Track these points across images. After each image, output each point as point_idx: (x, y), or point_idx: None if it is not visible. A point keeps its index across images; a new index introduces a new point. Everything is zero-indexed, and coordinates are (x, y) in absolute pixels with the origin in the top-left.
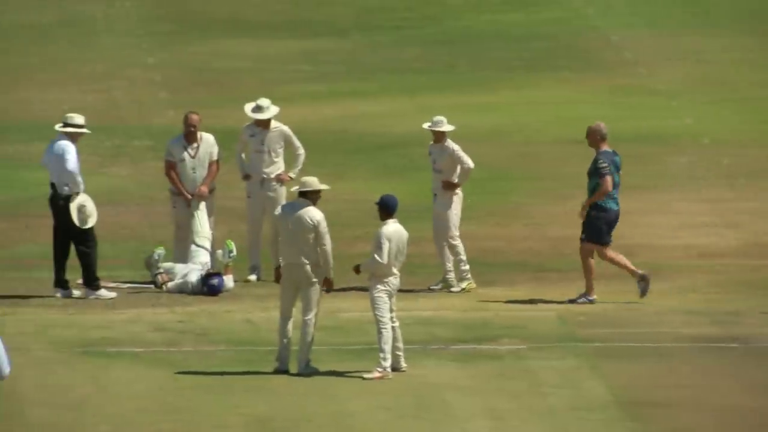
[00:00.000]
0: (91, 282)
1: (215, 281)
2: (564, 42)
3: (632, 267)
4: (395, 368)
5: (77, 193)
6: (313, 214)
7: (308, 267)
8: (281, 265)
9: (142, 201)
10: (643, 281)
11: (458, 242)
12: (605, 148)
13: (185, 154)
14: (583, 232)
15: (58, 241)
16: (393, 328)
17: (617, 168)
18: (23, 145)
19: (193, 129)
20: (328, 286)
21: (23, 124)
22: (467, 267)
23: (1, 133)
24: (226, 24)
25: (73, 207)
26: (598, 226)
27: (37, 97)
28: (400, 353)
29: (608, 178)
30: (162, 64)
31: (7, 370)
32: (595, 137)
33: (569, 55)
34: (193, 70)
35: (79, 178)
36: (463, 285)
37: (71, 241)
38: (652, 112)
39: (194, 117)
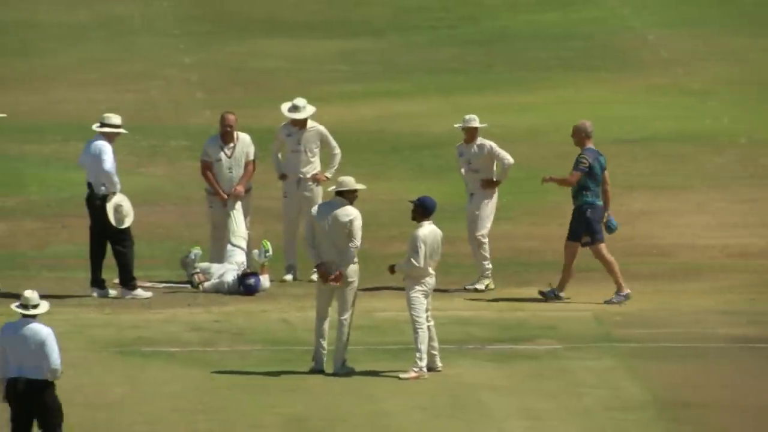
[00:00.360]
0: (128, 282)
1: (252, 281)
2: (600, 42)
3: (621, 280)
4: (431, 368)
5: (114, 193)
6: (349, 212)
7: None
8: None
9: (178, 201)
10: (621, 297)
11: (486, 241)
12: (590, 146)
13: (222, 153)
14: (585, 235)
15: (94, 240)
16: (428, 327)
17: (602, 167)
18: (59, 145)
19: (229, 129)
20: (337, 279)
21: (59, 124)
22: (489, 266)
23: (37, 133)
24: (263, 24)
25: (110, 207)
26: (594, 226)
27: (73, 97)
28: (436, 353)
29: (577, 175)
30: (199, 64)
31: (58, 366)
32: (580, 135)
33: (605, 54)
34: (230, 70)
35: (116, 179)
36: (486, 282)
37: (108, 240)
38: (688, 112)
39: (231, 117)
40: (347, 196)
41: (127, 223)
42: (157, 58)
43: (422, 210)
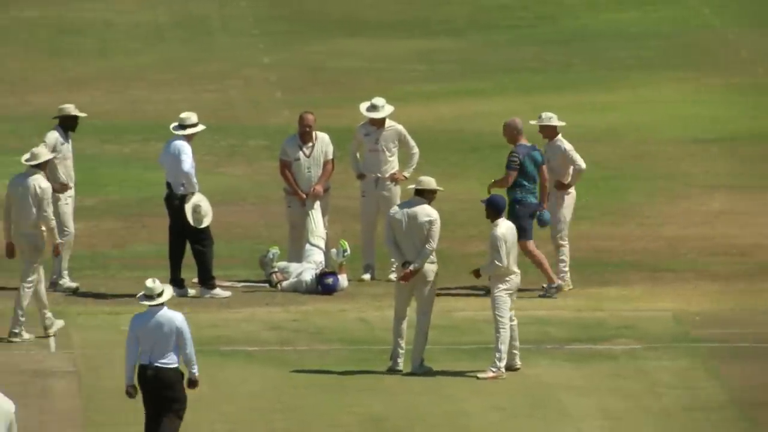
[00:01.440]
0: (207, 281)
1: (330, 280)
2: (680, 41)
3: (551, 272)
4: (510, 367)
5: (192, 193)
6: (429, 211)
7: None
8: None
9: (257, 200)
10: (554, 290)
11: (565, 242)
12: (523, 142)
13: (300, 153)
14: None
15: (173, 240)
16: (511, 326)
17: (537, 163)
18: (139, 144)
19: (308, 129)
20: (407, 277)
21: (138, 124)
22: (567, 269)
23: (116, 133)
24: (342, 23)
25: (188, 207)
26: (521, 222)
27: (152, 97)
28: (516, 352)
29: (513, 174)
30: (278, 64)
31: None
32: (511, 132)
33: (685, 54)
34: (309, 70)
35: (194, 179)
36: (561, 285)
37: (187, 240)
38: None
39: (309, 117)
40: (426, 196)
41: (206, 222)
42: (236, 58)
43: (493, 209)
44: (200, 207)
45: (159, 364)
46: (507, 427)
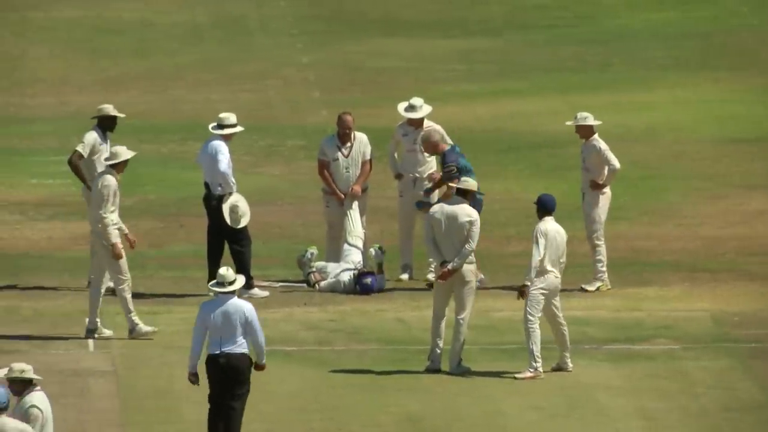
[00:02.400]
0: (245, 280)
1: (368, 280)
2: (719, 40)
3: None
4: (560, 368)
5: (230, 193)
6: (469, 211)
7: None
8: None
9: (294, 200)
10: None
11: (601, 242)
12: (448, 148)
13: (339, 153)
14: None
15: (211, 239)
16: (561, 330)
17: (467, 170)
18: (177, 144)
19: (347, 131)
20: (445, 276)
21: (177, 124)
22: (604, 269)
23: (155, 132)
24: (380, 23)
25: (226, 207)
26: None
27: (190, 96)
28: (567, 354)
29: (456, 181)
30: (316, 64)
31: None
32: (434, 145)
33: (723, 53)
34: (347, 70)
35: (232, 179)
36: (597, 285)
37: (225, 239)
38: None
39: (348, 118)
40: (467, 196)
41: (244, 222)
42: (274, 58)
43: (541, 207)
44: (238, 207)
45: (229, 351)
46: (544, 427)
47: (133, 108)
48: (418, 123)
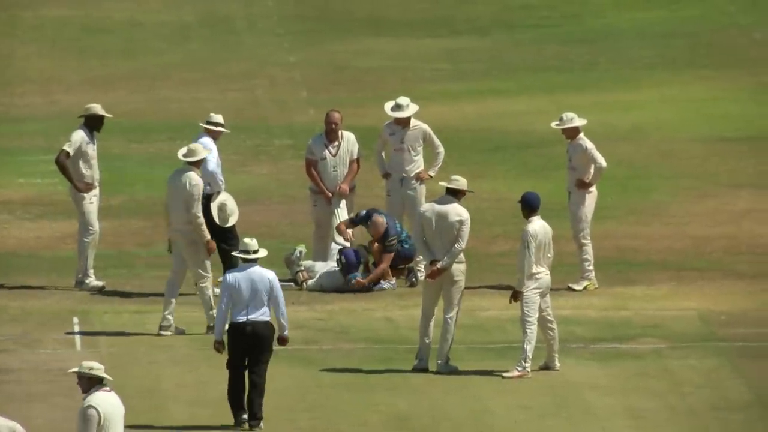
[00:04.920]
0: None
1: (351, 257)
2: (706, 39)
3: None
4: (549, 367)
5: (218, 192)
6: (460, 210)
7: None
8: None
9: (282, 199)
10: (390, 285)
11: (588, 241)
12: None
13: (326, 152)
14: None
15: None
16: (550, 327)
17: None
18: (165, 143)
19: (334, 127)
20: (434, 275)
21: (164, 123)
22: (591, 268)
23: (142, 132)
24: (366, 23)
25: (214, 206)
26: None
27: (178, 96)
28: (555, 354)
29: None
30: (303, 63)
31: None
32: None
33: (711, 52)
34: (334, 69)
35: (220, 178)
36: (585, 284)
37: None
38: None
39: (335, 115)
40: (458, 195)
41: (232, 221)
42: (261, 57)
43: (526, 206)
44: (226, 206)
45: (255, 320)
46: (532, 426)
47: (121, 107)
48: (404, 122)
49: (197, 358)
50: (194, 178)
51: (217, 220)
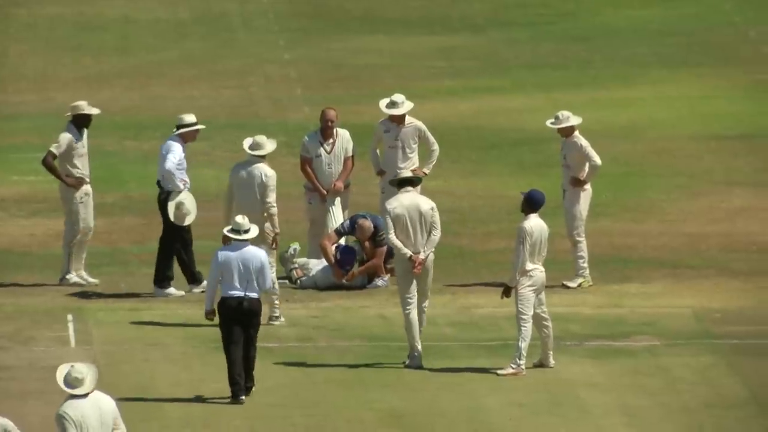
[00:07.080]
0: (160, 280)
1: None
2: (701, 37)
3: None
4: (542, 365)
5: (178, 192)
6: (427, 199)
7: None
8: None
9: (277, 197)
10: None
11: (582, 239)
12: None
13: (321, 149)
14: None
15: (176, 237)
16: (545, 325)
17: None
18: (159, 141)
19: (330, 125)
20: (420, 267)
21: (158, 121)
22: (586, 265)
23: (136, 129)
24: (362, 20)
25: (171, 204)
26: None
27: (172, 93)
28: (550, 351)
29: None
30: (298, 60)
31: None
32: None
33: (706, 50)
34: (330, 66)
35: (179, 178)
36: (579, 281)
37: (185, 233)
38: None
39: (331, 113)
40: (414, 185)
41: (188, 221)
42: (257, 55)
43: (529, 203)
44: (183, 204)
45: (250, 295)
46: (526, 423)
47: (116, 105)
48: (399, 119)
49: (190, 355)
50: (267, 169)
51: (172, 217)
